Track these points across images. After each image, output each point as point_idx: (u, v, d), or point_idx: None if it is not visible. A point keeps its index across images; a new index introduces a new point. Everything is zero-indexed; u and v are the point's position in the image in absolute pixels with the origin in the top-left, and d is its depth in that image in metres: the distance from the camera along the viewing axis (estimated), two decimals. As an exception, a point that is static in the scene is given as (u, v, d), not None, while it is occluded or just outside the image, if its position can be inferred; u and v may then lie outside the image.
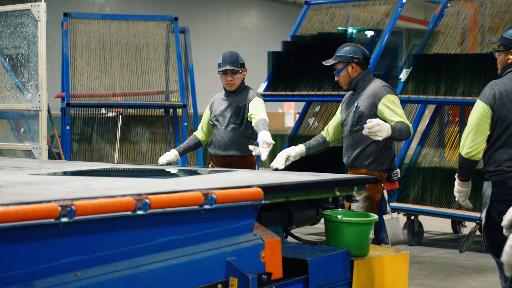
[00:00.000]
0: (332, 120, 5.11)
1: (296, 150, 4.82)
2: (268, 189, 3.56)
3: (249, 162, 5.36)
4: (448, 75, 7.54)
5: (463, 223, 8.79)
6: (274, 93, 8.67)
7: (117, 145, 8.37)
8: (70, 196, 2.84)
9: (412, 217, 8.01)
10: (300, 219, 4.10)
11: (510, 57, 4.06)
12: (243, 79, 5.42)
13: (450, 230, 8.87)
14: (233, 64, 5.28)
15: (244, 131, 5.26)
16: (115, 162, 8.19)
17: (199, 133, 5.57)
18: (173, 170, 4.61)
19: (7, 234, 2.57)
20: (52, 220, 2.66)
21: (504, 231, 2.73)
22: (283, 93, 8.63)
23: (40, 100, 6.47)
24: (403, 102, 8.34)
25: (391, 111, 4.66)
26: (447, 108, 8.57)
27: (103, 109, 8.63)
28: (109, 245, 2.91)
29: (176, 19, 8.64)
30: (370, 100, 4.73)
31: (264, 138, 4.83)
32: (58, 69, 8.93)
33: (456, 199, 4.28)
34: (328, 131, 5.06)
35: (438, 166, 8.04)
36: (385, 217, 4.28)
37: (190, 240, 3.24)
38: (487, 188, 4.02)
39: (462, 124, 7.95)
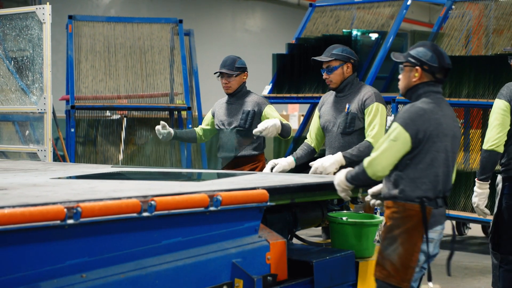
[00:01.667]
0: (312, 125, 4.98)
1: (284, 164, 4.70)
2: (274, 191, 3.56)
3: (258, 161, 5.35)
4: (452, 77, 7.53)
5: (468, 225, 8.77)
6: (278, 95, 8.68)
7: (122, 147, 8.38)
8: (76, 198, 2.85)
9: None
10: (305, 220, 4.10)
11: None
12: (244, 83, 5.41)
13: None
14: (228, 68, 5.31)
15: (250, 133, 5.27)
16: (120, 164, 8.20)
17: (197, 130, 5.59)
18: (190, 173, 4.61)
19: (13, 236, 2.58)
20: (58, 222, 2.67)
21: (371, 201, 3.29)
22: (288, 95, 8.63)
23: (45, 103, 6.47)
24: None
25: (371, 124, 4.62)
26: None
27: (107, 111, 8.64)
28: (115, 246, 2.92)
29: (180, 21, 8.65)
30: (359, 103, 4.67)
31: (269, 120, 4.96)
32: (63, 71, 8.95)
33: (475, 205, 4.46)
34: (312, 137, 4.93)
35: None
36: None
37: (196, 241, 3.24)
38: (500, 181, 4.36)
39: (467, 126, 7.95)
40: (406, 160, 3.33)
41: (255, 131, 4.94)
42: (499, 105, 4.33)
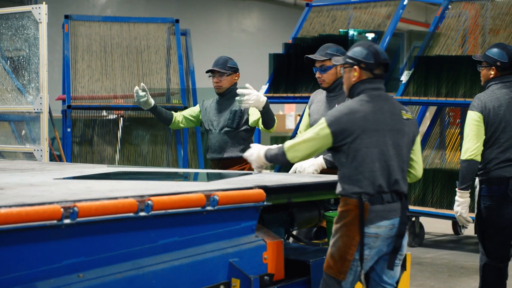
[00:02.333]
0: (302, 123, 5.00)
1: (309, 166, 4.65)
2: (270, 191, 3.56)
3: (246, 163, 5.31)
4: (449, 77, 7.54)
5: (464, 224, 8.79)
6: (275, 95, 8.67)
7: (118, 147, 8.37)
8: (73, 198, 2.84)
9: (413, 219, 8.01)
10: (302, 220, 4.10)
11: (492, 72, 4.65)
12: (235, 84, 5.38)
13: (451, 231, 8.87)
14: (219, 67, 5.30)
15: (240, 133, 5.24)
16: (116, 164, 8.18)
17: (176, 114, 5.51)
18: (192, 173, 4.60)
19: (10, 236, 2.57)
20: (55, 221, 2.67)
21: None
22: (284, 95, 8.63)
23: (41, 102, 6.46)
24: (404, 104, 8.34)
25: None
26: (448, 109, 8.57)
27: (104, 111, 8.62)
28: (112, 246, 2.92)
29: (177, 21, 8.64)
30: None
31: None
32: (59, 71, 8.94)
33: (457, 214, 4.65)
34: None
35: (439, 167, 8.04)
36: None
37: (193, 241, 3.24)
38: (477, 184, 4.63)
39: (463, 125, 7.95)
40: (342, 159, 3.44)
41: (238, 91, 4.86)
42: (472, 116, 4.57)
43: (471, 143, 4.54)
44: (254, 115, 5.17)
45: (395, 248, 3.46)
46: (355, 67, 3.52)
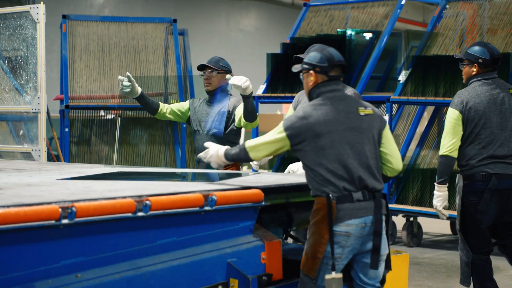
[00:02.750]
0: None
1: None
2: (268, 191, 3.56)
3: (232, 165, 5.27)
4: (447, 76, 7.54)
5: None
6: (273, 95, 8.67)
7: (116, 147, 8.36)
8: (71, 198, 2.84)
9: (411, 219, 8.02)
10: (300, 220, 4.10)
11: (474, 69, 4.77)
12: (226, 85, 5.32)
13: (449, 231, 8.87)
14: (212, 64, 5.25)
15: (227, 136, 5.20)
16: (114, 164, 8.18)
17: (163, 105, 5.41)
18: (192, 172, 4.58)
19: (8, 236, 2.57)
20: (53, 221, 2.67)
21: None
22: (282, 95, 8.63)
23: (39, 102, 6.46)
24: (402, 104, 8.36)
25: None
26: (446, 109, 8.57)
27: (101, 111, 8.61)
28: (110, 246, 2.92)
29: (175, 21, 8.64)
30: None
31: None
32: (57, 71, 8.94)
33: (435, 206, 4.87)
34: None
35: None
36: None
37: (191, 241, 3.24)
38: (460, 180, 4.74)
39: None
40: (304, 162, 3.51)
41: (227, 76, 4.84)
42: (451, 114, 4.73)
43: (447, 140, 4.71)
44: (238, 115, 5.13)
45: (375, 247, 3.46)
46: (311, 71, 3.63)
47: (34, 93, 6.52)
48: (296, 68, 3.78)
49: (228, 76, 4.81)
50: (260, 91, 8.74)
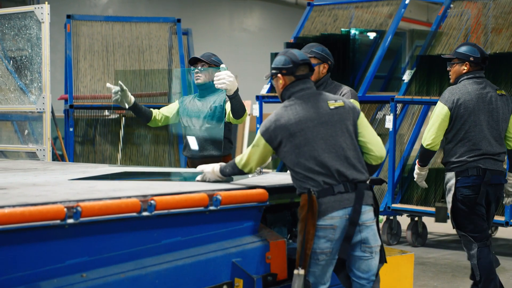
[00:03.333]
0: None
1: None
2: (273, 190, 3.56)
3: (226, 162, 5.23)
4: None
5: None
6: (276, 94, 8.66)
7: (120, 147, 8.37)
8: (76, 198, 2.84)
9: (416, 218, 8.01)
10: (304, 220, 4.09)
11: (465, 68, 4.94)
12: None
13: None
14: (204, 58, 5.22)
15: (218, 129, 5.17)
16: (119, 164, 8.19)
17: (156, 112, 5.27)
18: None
19: (13, 236, 2.57)
20: (58, 221, 2.67)
21: None
22: (286, 94, 8.60)
23: (44, 102, 6.46)
24: (407, 103, 8.34)
25: None
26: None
27: (106, 110, 8.62)
28: (115, 246, 2.92)
29: (179, 20, 8.64)
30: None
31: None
32: (61, 71, 8.94)
33: (415, 179, 5.16)
34: None
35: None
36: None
37: (195, 241, 3.24)
38: (452, 177, 4.87)
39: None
40: (286, 162, 3.54)
41: (221, 66, 4.80)
42: (439, 109, 4.88)
43: (431, 133, 4.87)
44: (227, 110, 5.09)
45: (346, 236, 3.45)
46: (279, 75, 3.68)
47: (38, 93, 6.53)
48: (267, 76, 3.87)
49: (222, 66, 4.77)
50: (264, 90, 8.74)
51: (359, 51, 8.63)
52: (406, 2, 8.56)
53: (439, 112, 4.86)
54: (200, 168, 3.84)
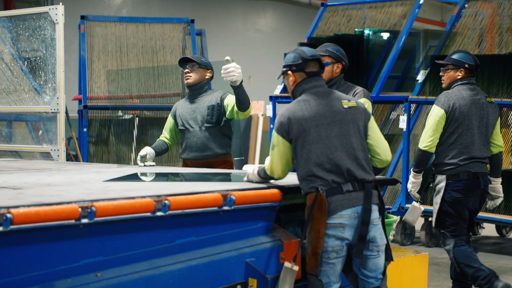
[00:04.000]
0: None
1: None
2: (287, 190, 3.56)
3: (229, 161, 5.25)
4: (465, 76, 7.49)
5: (481, 225, 8.74)
6: (289, 94, 8.66)
7: (134, 147, 8.39)
8: (90, 198, 2.85)
9: (430, 219, 7.97)
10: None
11: (459, 74, 5.16)
12: (206, 81, 5.27)
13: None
14: (194, 58, 5.23)
15: (221, 129, 5.17)
16: (132, 164, 8.21)
17: (165, 139, 5.34)
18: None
19: (28, 235, 2.58)
20: (73, 221, 2.68)
21: None
22: (300, 94, 8.60)
23: (58, 103, 6.49)
24: (420, 103, 8.31)
25: None
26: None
27: (120, 111, 8.66)
28: (129, 246, 2.93)
29: (192, 21, 8.65)
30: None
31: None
32: (75, 71, 8.99)
33: (409, 190, 5.25)
34: None
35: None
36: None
37: (209, 241, 3.24)
38: (442, 180, 5.04)
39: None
40: (294, 160, 3.53)
41: (226, 58, 4.81)
42: (436, 112, 5.05)
43: (428, 135, 5.05)
44: (229, 105, 5.10)
45: (360, 236, 3.45)
46: (289, 72, 3.68)
47: (53, 93, 6.56)
48: (279, 76, 3.85)
49: (227, 58, 4.78)
50: (277, 91, 8.73)
51: (373, 52, 8.61)
52: (420, 2, 8.53)
53: (436, 115, 5.04)
54: (245, 168, 3.87)
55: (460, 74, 5.17)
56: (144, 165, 5.03)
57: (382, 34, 8.88)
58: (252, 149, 12.19)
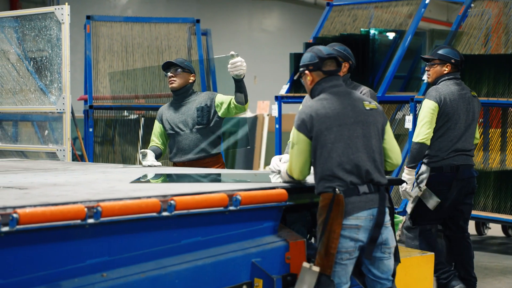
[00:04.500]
0: None
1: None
2: (293, 191, 3.56)
3: (220, 161, 5.26)
4: (472, 76, 7.48)
5: (487, 225, 8.72)
6: (296, 94, 8.65)
7: (139, 147, 8.39)
8: (96, 198, 2.85)
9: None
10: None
11: (446, 69, 5.24)
12: (190, 84, 5.26)
13: (474, 231, 8.79)
14: (177, 62, 5.24)
15: (212, 129, 5.18)
16: (137, 164, 8.21)
17: (156, 145, 5.34)
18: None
19: (34, 235, 2.59)
20: (79, 221, 2.68)
21: None
22: (305, 94, 8.58)
23: (63, 103, 6.50)
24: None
25: None
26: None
27: (125, 111, 8.66)
28: (135, 246, 2.93)
29: (198, 21, 8.65)
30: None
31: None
32: (81, 71, 8.99)
33: (403, 189, 5.24)
34: None
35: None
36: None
37: (215, 241, 3.24)
38: (426, 171, 5.17)
39: (486, 125, 7.89)
40: (317, 158, 3.50)
41: (231, 52, 4.86)
42: (429, 105, 5.14)
43: (424, 128, 5.12)
44: (224, 103, 5.12)
45: (372, 238, 3.46)
46: (306, 71, 3.67)
47: (58, 93, 6.56)
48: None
49: (232, 52, 4.82)
50: (283, 91, 8.72)
51: (379, 51, 8.59)
52: (426, 1, 8.51)
53: (429, 108, 5.12)
54: (273, 161, 3.86)
55: (446, 69, 5.25)
56: (149, 166, 5.03)
57: (388, 34, 8.86)
58: (257, 149, 12.19)
